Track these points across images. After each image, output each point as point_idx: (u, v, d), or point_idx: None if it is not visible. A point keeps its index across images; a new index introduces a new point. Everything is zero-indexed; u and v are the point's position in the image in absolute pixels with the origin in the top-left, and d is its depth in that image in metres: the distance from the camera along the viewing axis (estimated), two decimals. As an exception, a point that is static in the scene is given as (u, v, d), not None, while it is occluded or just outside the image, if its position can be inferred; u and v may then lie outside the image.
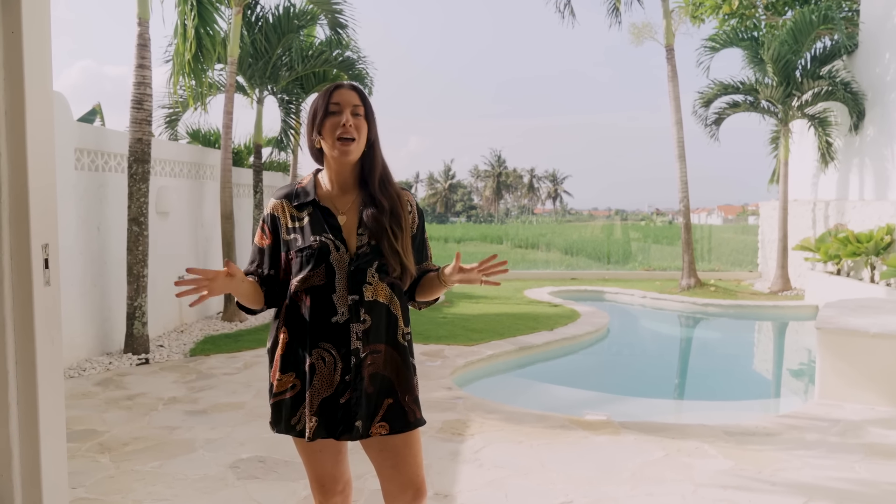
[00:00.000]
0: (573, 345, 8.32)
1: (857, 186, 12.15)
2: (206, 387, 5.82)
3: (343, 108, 2.05)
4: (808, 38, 11.82)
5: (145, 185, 6.87)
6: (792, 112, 12.48)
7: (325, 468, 2.19)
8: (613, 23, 13.68)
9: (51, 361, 1.91)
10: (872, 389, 5.32)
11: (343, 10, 10.34)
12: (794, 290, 12.49)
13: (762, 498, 3.59)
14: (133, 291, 6.87)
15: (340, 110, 2.05)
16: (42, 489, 1.88)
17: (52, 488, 1.92)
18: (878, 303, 7.18)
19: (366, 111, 2.08)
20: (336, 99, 2.06)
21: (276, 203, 2.13)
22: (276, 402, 2.11)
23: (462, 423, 4.81)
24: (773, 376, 8.26)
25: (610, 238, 21.56)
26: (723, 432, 4.63)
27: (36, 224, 1.84)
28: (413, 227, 2.16)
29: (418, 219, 2.18)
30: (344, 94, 2.07)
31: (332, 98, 2.06)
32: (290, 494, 3.57)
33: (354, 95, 2.08)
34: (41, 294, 1.87)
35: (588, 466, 4.01)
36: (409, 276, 2.13)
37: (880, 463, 4.09)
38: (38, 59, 1.84)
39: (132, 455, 4.16)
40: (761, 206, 15.67)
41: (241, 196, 10.57)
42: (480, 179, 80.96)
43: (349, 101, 2.06)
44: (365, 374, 2.04)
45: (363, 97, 2.10)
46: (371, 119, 2.10)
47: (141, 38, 6.62)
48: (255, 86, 10.35)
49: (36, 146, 1.84)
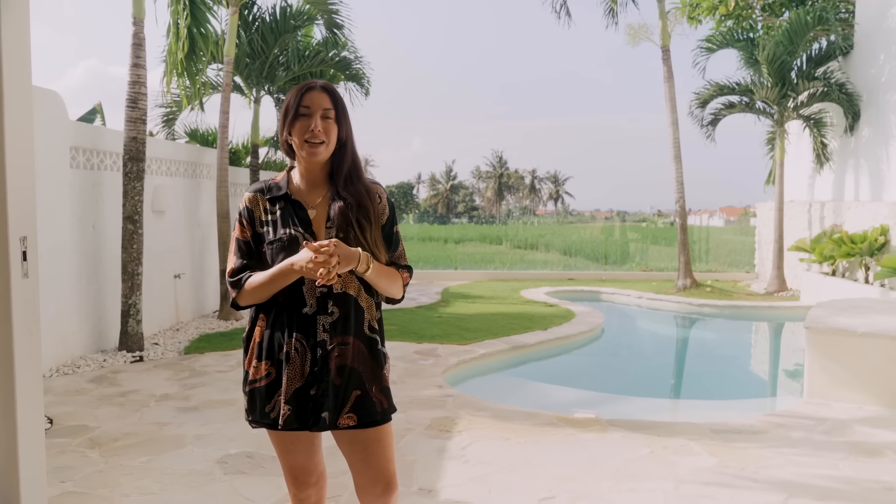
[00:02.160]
0: (567, 344, 8.34)
1: (852, 187, 12.17)
2: (198, 384, 5.86)
3: (313, 112, 2.08)
4: (803, 39, 11.85)
5: (140, 183, 6.91)
6: (787, 113, 12.51)
7: (297, 460, 2.22)
8: (610, 24, 13.72)
9: (28, 352, 1.94)
10: (860, 388, 5.35)
11: (339, 11, 10.39)
12: (789, 290, 12.51)
13: (743, 494, 3.61)
14: (128, 289, 6.91)
15: (310, 114, 2.08)
16: (20, 478, 1.91)
17: (30, 478, 1.95)
18: (868, 303, 7.20)
19: (337, 113, 2.11)
20: (306, 102, 2.08)
21: (251, 196, 2.16)
22: (251, 391, 2.14)
23: (451, 420, 4.84)
24: (767, 376, 8.28)
25: (609, 239, 21.58)
26: (709, 430, 4.66)
27: (14, 217, 1.88)
28: (382, 219, 2.19)
29: (388, 211, 2.21)
30: (314, 97, 2.09)
31: (303, 101, 2.09)
32: (276, 489, 3.60)
33: (325, 97, 2.10)
34: (19, 286, 1.90)
35: (573, 463, 4.05)
36: None
37: (864, 461, 4.12)
38: (16, 56, 1.88)
39: (122, 450, 4.20)
40: (758, 207, 15.70)
41: (237, 195, 10.60)
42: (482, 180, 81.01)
43: (319, 105, 2.08)
44: (332, 365, 2.07)
45: (334, 98, 2.12)
46: (342, 119, 2.12)
47: (136, 38, 6.66)
48: (252, 85, 10.40)
49: (14, 141, 1.88)
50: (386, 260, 2.16)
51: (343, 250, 1.95)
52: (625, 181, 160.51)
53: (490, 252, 22.09)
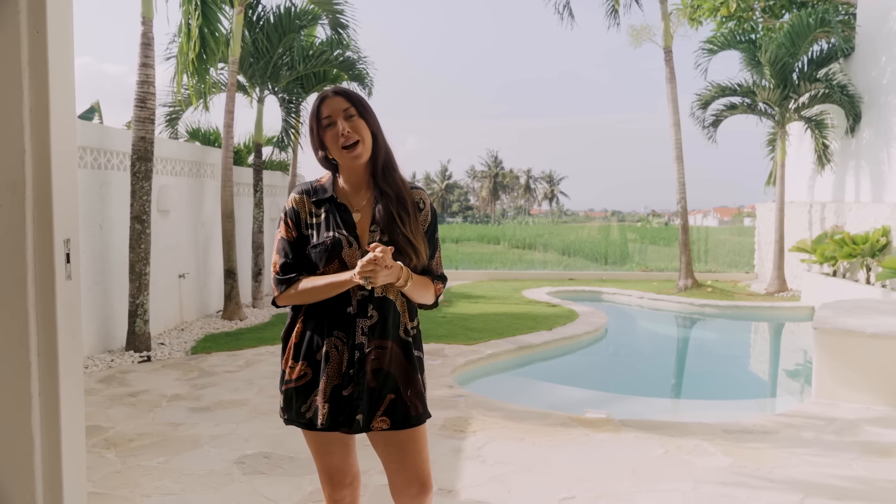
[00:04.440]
0: (572, 344, 8.37)
1: (853, 188, 12.23)
2: (208, 384, 5.86)
3: (335, 118, 2.09)
4: (805, 41, 11.90)
5: (148, 183, 6.90)
6: (789, 114, 12.57)
7: (333, 461, 2.24)
8: (612, 24, 13.74)
9: (72, 355, 1.95)
10: (868, 389, 5.38)
11: (344, 11, 10.38)
12: (790, 291, 12.57)
13: (761, 494, 3.64)
14: (135, 289, 6.91)
15: (333, 121, 2.09)
16: (63, 481, 1.92)
17: (72, 480, 1.96)
18: (874, 303, 7.25)
19: (358, 109, 2.11)
20: (325, 112, 2.10)
21: (297, 198, 2.17)
22: (287, 390, 2.15)
23: (464, 420, 4.86)
24: (769, 376, 8.33)
25: (607, 239, 21.63)
26: (721, 430, 4.69)
27: (59, 219, 1.88)
28: (424, 225, 2.20)
29: (431, 218, 2.22)
30: (330, 103, 2.10)
31: (322, 112, 2.10)
32: (296, 489, 3.61)
33: (341, 100, 2.11)
34: (63, 288, 1.90)
35: (589, 463, 4.07)
36: (421, 263, 2.16)
37: (876, 461, 4.15)
38: (61, 57, 1.88)
39: (138, 451, 4.20)
40: (758, 208, 15.76)
41: (240, 195, 10.60)
42: (477, 180, 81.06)
43: (338, 109, 2.09)
44: (368, 368, 2.08)
45: (350, 97, 2.12)
46: (365, 114, 2.13)
47: (145, 37, 6.65)
48: (256, 85, 10.38)
49: (59, 143, 1.88)
50: (426, 257, 2.17)
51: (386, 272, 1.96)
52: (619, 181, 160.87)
53: (489, 252, 22.13)
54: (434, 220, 2.23)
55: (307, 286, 2.08)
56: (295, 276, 2.11)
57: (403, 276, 2.03)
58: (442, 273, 2.27)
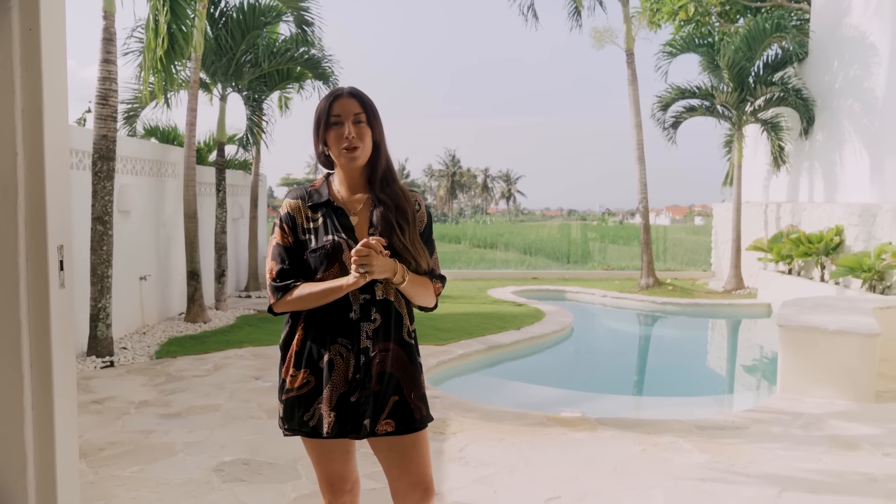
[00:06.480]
0: (540, 343, 8.44)
1: (807, 189, 12.63)
2: (177, 389, 5.71)
3: (344, 119, 2.08)
4: (761, 45, 12.23)
5: (110, 182, 6.70)
6: (745, 117, 12.90)
7: (335, 468, 2.21)
8: (574, 26, 13.88)
9: (65, 365, 1.87)
10: (831, 384, 5.56)
11: (309, 8, 10.26)
12: (747, 288, 12.91)
13: (740, 490, 3.73)
14: (97, 292, 6.70)
15: (342, 121, 2.08)
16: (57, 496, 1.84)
17: (66, 495, 1.89)
18: (833, 301, 7.49)
19: (368, 116, 2.11)
20: (337, 110, 2.09)
21: (293, 203, 2.14)
22: (288, 399, 2.11)
23: (442, 422, 4.85)
24: (727, 373, 8.56)
25: (568, 238, 21.88)
26: (694, 427, 4.79)
27: (53, 225, 1.81)
28: (421, 226, 2.19)
29: (426, 219, 2.22)
30: (344, 103, 2.09)
31: (333, 109, 2.09)
32: (280, 496, 3.55)
33: (354, 103, 2.10)
34: (57, 297, 1.83)
35: (571, 463, 4.10)
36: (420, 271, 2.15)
37: (844, 454, 4.29)
38: (54, 56, 1.81)
39: (110, 460, 4.07)
40: (714, 208, 16.15)
41: (202, 195, 10.37)
42: (435, 179, 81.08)
43: (350, 111, 2.08)
44: (373, 372, 2.07)
45: (363, 102, 2.12)
46: (374, 122, 2.13)
47: (106, 33, 6.44)
48: (218, 82, 10.17)
49: (52, 146, 1.80)
50: (427, 265, 2.16)
51: (381, 260, 1.96)
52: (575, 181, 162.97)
53: (451, 251, 22.15)
54: (430, 222, 2.23)
55: (305, 292, 2.05)
56: (292, 283, 2.08)
57: (400, 272, 2.04)
58: (441, 273, 2.26)
